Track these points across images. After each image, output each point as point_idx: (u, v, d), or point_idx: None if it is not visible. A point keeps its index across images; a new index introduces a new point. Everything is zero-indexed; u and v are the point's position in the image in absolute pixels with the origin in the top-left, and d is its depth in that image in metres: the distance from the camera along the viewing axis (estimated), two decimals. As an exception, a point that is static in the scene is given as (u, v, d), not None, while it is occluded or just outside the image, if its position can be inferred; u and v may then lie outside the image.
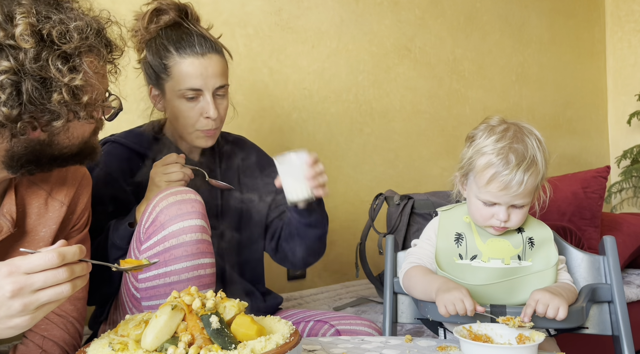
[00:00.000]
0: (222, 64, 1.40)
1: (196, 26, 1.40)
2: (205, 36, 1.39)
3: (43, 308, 0.84)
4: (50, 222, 1.14)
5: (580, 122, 3.75)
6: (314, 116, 2.53)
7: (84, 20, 0.97)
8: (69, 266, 0.84)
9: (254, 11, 2.36)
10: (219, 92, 1.40)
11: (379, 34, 2.75)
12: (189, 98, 1.37)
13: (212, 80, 1.37)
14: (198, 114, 1.39)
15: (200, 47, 1.36)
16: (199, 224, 1.21)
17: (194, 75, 1.36)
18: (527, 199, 1.21)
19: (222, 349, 0.83)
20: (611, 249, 1.28)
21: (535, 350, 0.95)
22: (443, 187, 2.85)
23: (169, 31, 1.39)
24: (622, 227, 2.44)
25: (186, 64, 1.36)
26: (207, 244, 1.23)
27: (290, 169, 1.25)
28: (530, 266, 1.23)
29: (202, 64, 1.36)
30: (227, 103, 1.44)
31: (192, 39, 1.37)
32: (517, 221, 1.22)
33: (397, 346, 1.10)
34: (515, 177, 1.16)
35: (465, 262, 1.24)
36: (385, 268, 1.37)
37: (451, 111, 3.04)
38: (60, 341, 1.18)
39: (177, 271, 1.18)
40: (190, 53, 1.36)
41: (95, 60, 1.00)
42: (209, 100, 1.38)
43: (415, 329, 1.72)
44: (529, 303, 1.09)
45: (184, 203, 1.20)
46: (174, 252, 1.18)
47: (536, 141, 1.21)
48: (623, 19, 3.87)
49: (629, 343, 1.21)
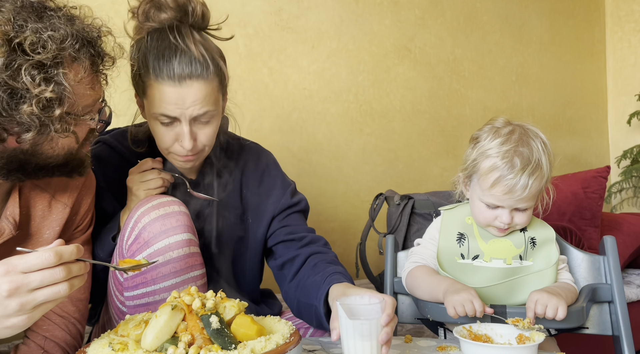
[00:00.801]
0: (206, 89, 1.20)
1: (186, 37, 1.21)
2: (192, 54, 1.19)
3: (40, 307, 0.83)
4: (54, 224, 1.14)
5: (580, 122, 3.75)
6: (314, 116, 2.53)
7: (65, 30, 0.94)
8: (66, 265, 0.83)
9: (254, 11, 2.36)
10: (201, 119, 1.23)
11: (379, 34, 2.75)
12: (163, 123, 1.22)
13: (191, 109, 1.19)
14: (173, 139, 1.24)
15: (181, 71, 1.17)
16: (186, 238, 1.16)
17: (169, 102, 1.18)
18: (531, 202, 1.20)
19: (222, 349, 0.83)
20: (611, 249, 1.28)
21: (535, 350, 0.95)
22: (443, 187, 2.85)
23: (155, 39, 1.21)
24: (622, 227, 2.44)
25: (161, 89, 1.18)
26: (196, 256, 1.20)
27: (361, 326, 0.91)
28: (531, 266, 1.23)
29: (179, 93, 1.17)
30: (212, 129, 1.26)
31: (172, 59, 1.17)
32: (521, 222, 1.22)
33: (397, 346, 1.10)
34: (520, 181, 1.15)
35: (467, 262, 1.24)
36: (385, 268, 1.37)
37: (451, 111, 3.04)
38: (61, 342, 1.18)
39: (166, 289, 1.15)
40: (167, 78, 1.17)
41: (78, 72, 0.96)
42: (185, 130, 1.21)
43: (416, 329, 1.72)
44: (529, 305, 1.09)
45: (167, 217, 1.15)
46: (162, 270, 1.15)
47: (541, 144, 1.20)
48: (623, 19, 3.87)
49: (629, 343, 1.20)
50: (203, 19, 1.27)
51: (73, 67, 0.95)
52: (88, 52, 0.98)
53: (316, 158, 2.53)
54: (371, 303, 0.94)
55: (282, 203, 1.40)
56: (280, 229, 1.39)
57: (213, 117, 1.25)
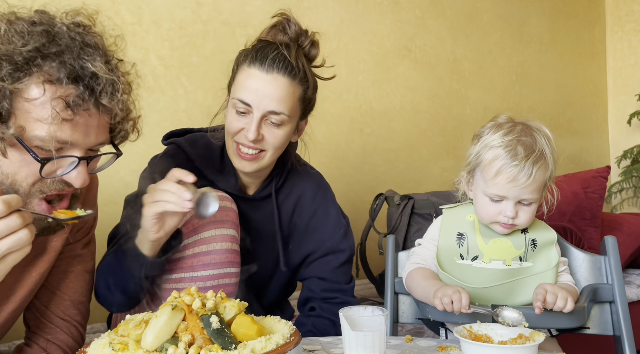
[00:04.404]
0: (287, 90, 1.25)
1: (289, 49, 1.27)
2: (288, 56, 1.26)
3: (6, 259, 0.82)
4: (61, 231, 1.13)
5: (581, 122, 3.75)
6: (314, 116, 2.52)
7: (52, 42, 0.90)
8: (19, 213, 0.81)
9: (254, 11, 2.36)
10: (272, 119, 1.26)
11: (379, 34, 2.75)
12: (239, 111, 1.26)
13: (265, 100, 1.23)
14: (240, 127, 1.27)
15: (271, 64, 1.24)
16: (231, 233, 1.20)
17: (249, 88, 1.24)
18: (536, 195, 1.18)
19: (222, 349, 0.83)
20: (612, 250, 1.28)
21: (536, 350, 0.95)
22: (443, 187, 2.85)
23: (262, 42, 1.29)
24: (622, 227, 2.44)
25: (247, 73, 1.25)
26: (236, 254, 1.22)
27: (364, 337, 0.88)
28: (531, 267, 1.22)
29: (261, 80, 1.23)
30: (281, 133, 1.28)
31: (269, 54, 1.25)
32: (525, 220, 1.19)
33: (397, 346, 1.09)
34: (524, 168, 1.14)
35: (466, 263, 1.23)
36: (386, 268, 1.37)
37: (451, 111, 3.03)
38: (63, 344, 1.18)
39: (203, 278, 1.17)
40: (258, 65, 1.24)
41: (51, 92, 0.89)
42: (255, 120, 1.24)
43: (416, 329, 1.72)
44: (538, 291, 1.08)
45: (219, 210, 1.16)
46: (203, 258, 1.17)
47: (545, 138, 1.19)
48: (623, 19, 3.87)
49: (630, 343, 1.20)
50: (310, 51, 1.34)
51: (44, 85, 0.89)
52: (78, 79, 0.91)
53: (316, 158, 2.53)
54: (374, 314, 0.93)
55: (327, 246, 1.41)
56: (316, 281, 1.41)
57: (284, 123, 1.28)
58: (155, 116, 2.07)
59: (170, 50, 2.11)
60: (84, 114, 0.92)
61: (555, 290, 1.08)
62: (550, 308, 1.07)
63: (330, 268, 1.40)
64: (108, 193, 1.81)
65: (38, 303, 1.18)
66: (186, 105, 2.14)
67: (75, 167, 0.95)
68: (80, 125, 0.92)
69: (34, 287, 1.13)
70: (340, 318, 0.92)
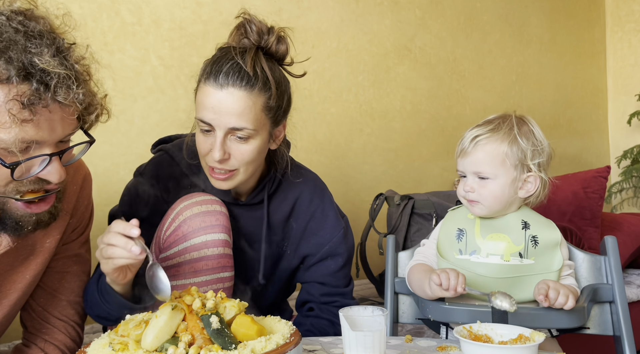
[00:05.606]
0: (245, 103, 1.17)
1: (248, 55, 1.20)
2: (243, 65, 1.18)
3: None
4: (55, 232, 1.14)
5: (581, 122, 3.75)
6: (314, 116, 2.53)
7: None
8: None
9: (254, 11, 2.35)
10: (237, 134, 1.19)
11: (379, 34, 2.75)
12: (203, 130, 1.21)
13: (224, 118, 1.17)
14: (208, 148, 1.21)
15: (225, 78, 1.17)
16: (222, 238, 1.18)
17: (207, 107, 1.17)
18: (489, 169, 1.20)
19: (222, 349, 0.83)
20: (612, 250, 1.28)
21: (536, 350, 0.95)
22: (443, 187, 2.85)
23: (221, 51, 1.24)
24: (622, 227, 2.44)
25: (204, 91, 1.19)
26: (229, 258, 1.21)
27: (364, 337, 0.88)
28: (533, 265, 1.22)
29: (217, 97, 1.16)
30: (249, 149, 1.21)
31: (223, 66, 1.18)
32: (484, 196, 1.21)
33: (397, 346, 1.09)
34: (471, 135, 1.19)
35: (464, 258, 1.24)
36: (386, 268, 1.37)
37: (451, 111, 3.04)
38: (61, 345, 1.18)
39: (197, 284, 1.17)
40: (212, 81, 1.17)
41: None
42: (218, 140, 1.18)
43: (416, 329, 1.72)
44: (540, 286, 1.09)
45: (208, 215, 1.17)
46: (195, 265, 1.17)
47: (527, 127, 1.22)
48: (623, 19, 3.87)
49: (630, 343, 1.20)
50: (278, 49, 1.28)
51: None
52: (30, 76, 0.83)
53: (316, 158, 2.53)
54: (374, 314, 0.92)
55: (326, 250, 1.39)
56: (315, 286, 1.39)
57: (252, 137, 1.21)
58: (155, 116, 2.07)
59: (170, 50, 2.11)
60: (44, 111, 0.86)
61: (557, 286, 1.09)
62: (551, 303, 1.08)
63: (329, 272, 1.38)
64: (108, 193, 1.80)
65: (35, 304, 1.18)
66: (186, 105, 2.14)
67: (48, 164, 0.91)
68: (43, 122, 0.87)
69: (27, 289, 1.13)
70: (340, 318, 0.91)
